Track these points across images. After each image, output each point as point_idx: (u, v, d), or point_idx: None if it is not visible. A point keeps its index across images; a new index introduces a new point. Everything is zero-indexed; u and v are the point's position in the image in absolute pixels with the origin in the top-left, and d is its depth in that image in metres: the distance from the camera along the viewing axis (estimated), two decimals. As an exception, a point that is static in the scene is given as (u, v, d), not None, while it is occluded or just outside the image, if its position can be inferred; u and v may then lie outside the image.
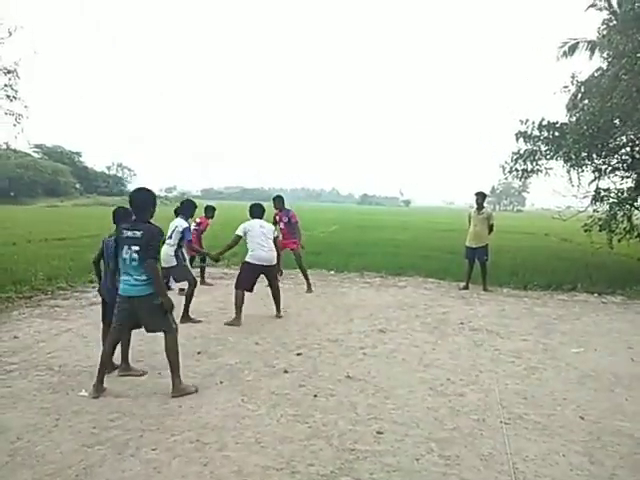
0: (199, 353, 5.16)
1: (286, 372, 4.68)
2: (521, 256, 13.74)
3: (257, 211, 6.75)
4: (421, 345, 5.67)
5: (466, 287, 9.42)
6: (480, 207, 9.47)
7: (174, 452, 3.19)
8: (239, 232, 6.56)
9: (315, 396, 4.13)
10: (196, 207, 7.03)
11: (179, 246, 6.44)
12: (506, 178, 15.36)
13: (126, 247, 3.97)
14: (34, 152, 61.19)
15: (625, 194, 12.94)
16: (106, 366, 4.15)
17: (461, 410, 3.92)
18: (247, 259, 6.59)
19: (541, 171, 14.45)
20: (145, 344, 5.13)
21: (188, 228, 6.49)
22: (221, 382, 4.39)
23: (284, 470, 3.02)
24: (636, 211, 13.03)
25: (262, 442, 3.35)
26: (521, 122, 13.82)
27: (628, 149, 13.03)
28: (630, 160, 12.99)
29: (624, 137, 12.51)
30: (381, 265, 11.52)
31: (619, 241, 12.70)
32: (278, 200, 8.92)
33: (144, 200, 4.12)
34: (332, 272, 10.94)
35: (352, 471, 3.03)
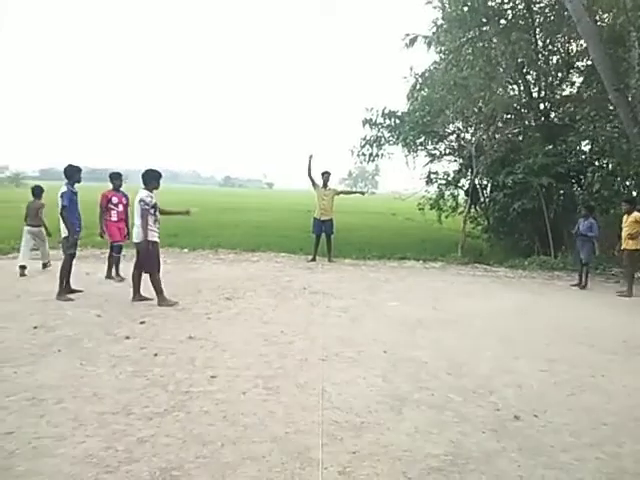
0: (35, 328, 5.06)
1: (128, 338, 4.84)
2: (367, 233, 15.09)
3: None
4: (263, 308, 6.20)
5: (313, 259, 10.22)
6: (325, 184, 10.32)
7: (9, 410, 3.27)
8: None
9: (155, 355, 4.40)
10: None
11: None
12: (355, 162, 16.63)
13: None
14: None
15: (451, 176, 14.95)
16: None
17: (288, 354, 4.51)
18: None
19: (385, 155, 16.00)
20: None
21: None
22: (59, 350, 4.43)
23: (120, 413, 3.29)
24: (460, 191, 15.09)
25: (100, 394, 3.56)
26: (367, 110, 15.08)
27: (455, 137, 14.90)
28: (456, 146, 14.90)
29: (451, 126, 14.31)
30: (238, 244, 11.77)
31: (446, 217, 14.71)
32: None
33: None
34: (185, 250, 10.99)
35: (184, 407, 3.41)
